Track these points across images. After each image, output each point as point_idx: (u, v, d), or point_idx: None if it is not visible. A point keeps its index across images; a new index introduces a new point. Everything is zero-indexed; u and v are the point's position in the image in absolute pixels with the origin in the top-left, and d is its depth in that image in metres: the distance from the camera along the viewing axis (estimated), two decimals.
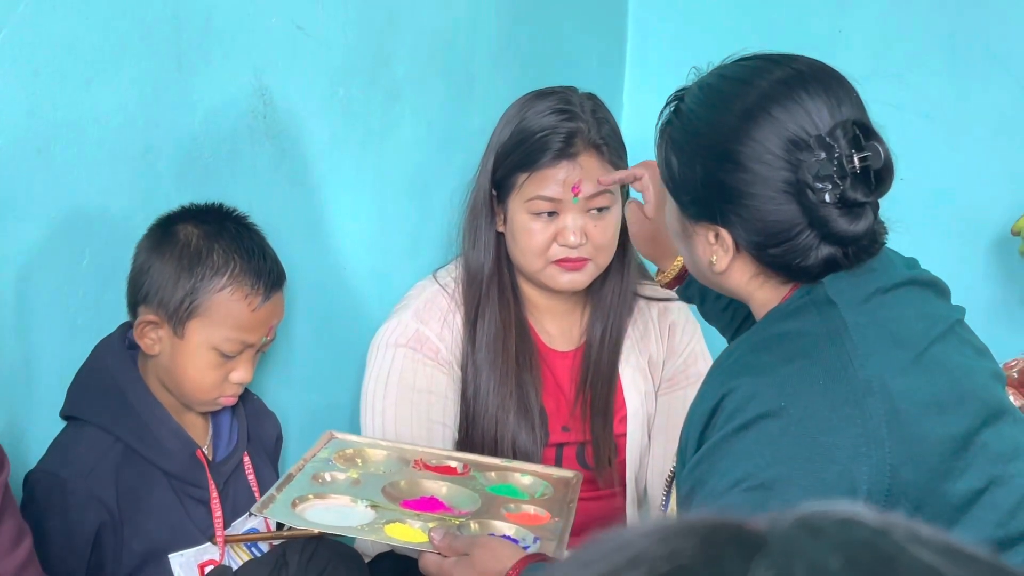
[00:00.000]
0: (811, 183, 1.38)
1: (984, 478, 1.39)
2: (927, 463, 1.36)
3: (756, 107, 1.42)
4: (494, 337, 2.10)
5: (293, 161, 2.13)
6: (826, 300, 1.43)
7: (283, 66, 2.06)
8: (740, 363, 1.45)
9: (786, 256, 1.43)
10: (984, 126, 2.74)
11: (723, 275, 1.50)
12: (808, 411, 1.35)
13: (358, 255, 2.31)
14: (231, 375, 1.79)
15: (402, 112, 2.36)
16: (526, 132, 2.05)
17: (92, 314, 1.79)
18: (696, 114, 1.48)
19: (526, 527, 1.70)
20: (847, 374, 1.37)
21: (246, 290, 1.75)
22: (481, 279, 2.12)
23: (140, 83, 1.81)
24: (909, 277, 1.49)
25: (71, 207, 1.76)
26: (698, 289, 1.85)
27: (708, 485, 1.37)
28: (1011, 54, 2.71)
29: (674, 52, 2.97)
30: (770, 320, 1.47)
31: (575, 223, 2.04)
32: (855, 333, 1.40)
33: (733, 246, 1.46)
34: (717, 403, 1.42)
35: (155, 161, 1.86)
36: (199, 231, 1.76)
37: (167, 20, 1.84)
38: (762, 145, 1.40)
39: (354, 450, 1.87)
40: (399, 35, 2.32)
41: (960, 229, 2.76)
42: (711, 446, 1.40)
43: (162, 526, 1.76)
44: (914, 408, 1.37)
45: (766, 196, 1.41)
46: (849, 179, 1.38)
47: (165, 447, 1.77)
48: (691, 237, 1.51)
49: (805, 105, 1.42)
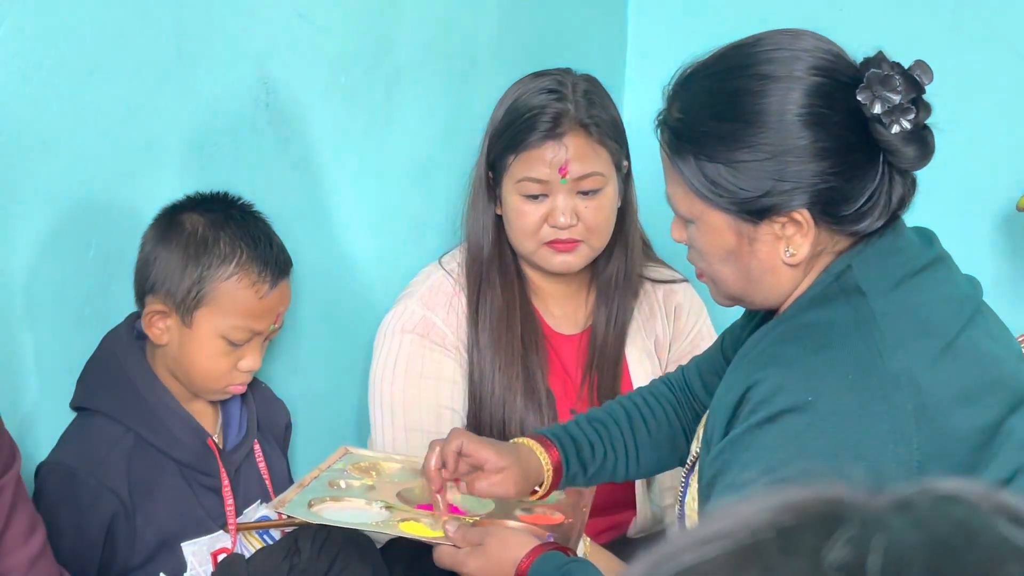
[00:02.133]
0: (880, 119, 1.35)
1: (1011, 467, 1.36)
2: (954, 458, 1.33)
3: (770, 72, 1.39)
4: (498, 319, 2.10)
5: (296, 149, 2.13)
6: (855, 288, 1.39)
7: (285, 54, 2.06)
8: (767, 354, 1.41)
9: (870, 210, 1.39)
10: (987, 102, 2.73)
11: (796, 266, 1.42)
12: (835, 406, 1.32)
13: (363, 241, 2.31)
14: (240, 363, 1.79)
15: (404, 98, 2.36)
16: (515, 113, 2.05)
17: (100, 305, 1.80)
18: (719, 114, 1.42)
19: (540, 526, 1.71)
20: (875, 367, 1.33)
21: (253, 277, 1.76)
22: (482, 261, 2.12)
23: (142, 74, 1.81)
24: (934, 256, 1.45)
25: (76, 199, 1.76)
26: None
27: (729, 475, 1.35)
28: (1013, 29, 2.70)
29: (675, 36, 2.97)
30: (797, 308, 1.42)
31: (565, 204, 2.04)
32: (883, 323, 1.36)
33: (812, 223, 1.39)
34: (743, 394, 1.39)
35: (159, 152, 1.87)
36: (205, 220, 1.76)
37: (168, 10, 1.84)
38: (797, 103, 1.37)
39: (369, 463, 1.87)
40: (400, 21, 2.32)
41: (965, 206, 2.76)
42: (735, 437, 1.37)
43: (174, 515, 1.76)
44: (943, 402, 1.34)
45: (831, 152, 1.37)
46: (914, 104, 1.36)
47: (175, 436, 1.77)
48: (754, 243, 1.42)
49: (810, 48, 1.40)
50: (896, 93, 1.35)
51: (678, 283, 2.25)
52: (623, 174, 2.12)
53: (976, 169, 2.75)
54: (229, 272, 1.74)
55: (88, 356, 1.77)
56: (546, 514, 1.77)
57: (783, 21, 2.97)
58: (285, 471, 1.95)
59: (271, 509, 1.68)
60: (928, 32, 2.78)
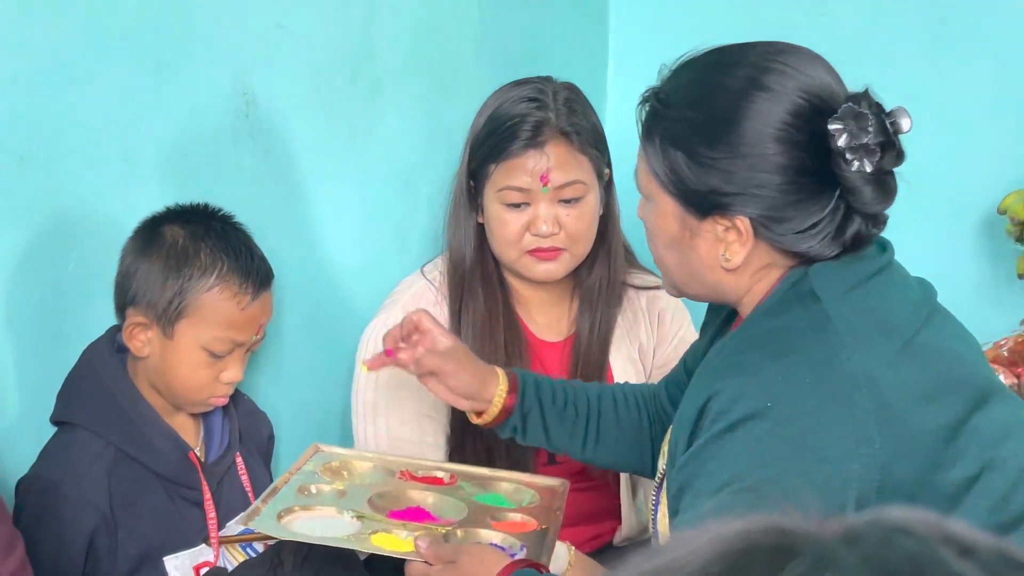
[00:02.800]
0: (843, 153, 1.36)
1: (977, 464, 1.37)
2: (918, 456, 1.33)
3: (761, 79, 1.39)
4: (481, 327, 2.10)
5: (277, 160, 2.12)
6: (810, 294, 1.40)
7: (264, 65, 2.06)
8: (726, 363, 1.42)
9: (811, 236, 1.40)
10: (969, 106, 2.74)
11: (732, 271, 1.45)
12: (795, 411, 1.33)
13: (345, 252, 2.31)
14: (222, 375, 1.78)
15: (385, 107, 2.35)
16: (496, 121, 2.05)
17: (80, 318, 1.79)
18: (694, 103, 1.44)
19: (513, 535, 1.69)
20: (834, 369, 1.34)
21: (234, 289, 1.75)
22: (464, 270, 2.12)
23: (120, 86, 1.81)
24: (887, 261, 1.46)
25: (55, 212, 1.76)
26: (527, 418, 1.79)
27: (696, 487, 1.35)
28: (994, 33, 2.70)
29: (657, 42, 2.96)
30: (756, 318, 1.44)
31: (547, 212, 2.04)
32: (840, 326, 1.37)
33: (752, 234, 1.42)
34: (704, 404, 1.39)
35: (138, 164, 1.86)
36: (185, 231, 1.75)
37: (145, 23, 1.83)
38: (777, 117, 1.38)
39: (340, 462, 1.85)
40: (381, 30, 2.31)
41: (947, 209, 2.76)
42: (699, 448, 1.37)
43: (156, 529, 1.76)
44: (904, 401, 1.34)
45: (790, 170, 1.38)
46: (880, 148, 1.36)
47: (157, 449, 1.77)
48: (695, 237, 1.45)
49: (807, 71, 1.40)
50: (866, 133, 1.36)
51: (661, 289, 2.24)
52: (605, 182, 2.12)
53: (959, 172, 2.75)
54: (210, 284, 1.73)
55: (68, 370, 1.76)
56: (520, 520, 1.76)
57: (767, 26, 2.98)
58: (268, 483, 1.94)
59: (241, 522, 1.65)
60: (910, 36, 2.79)
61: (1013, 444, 1.42)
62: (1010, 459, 1.40)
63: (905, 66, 2.80)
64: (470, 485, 1.85)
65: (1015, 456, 1.41)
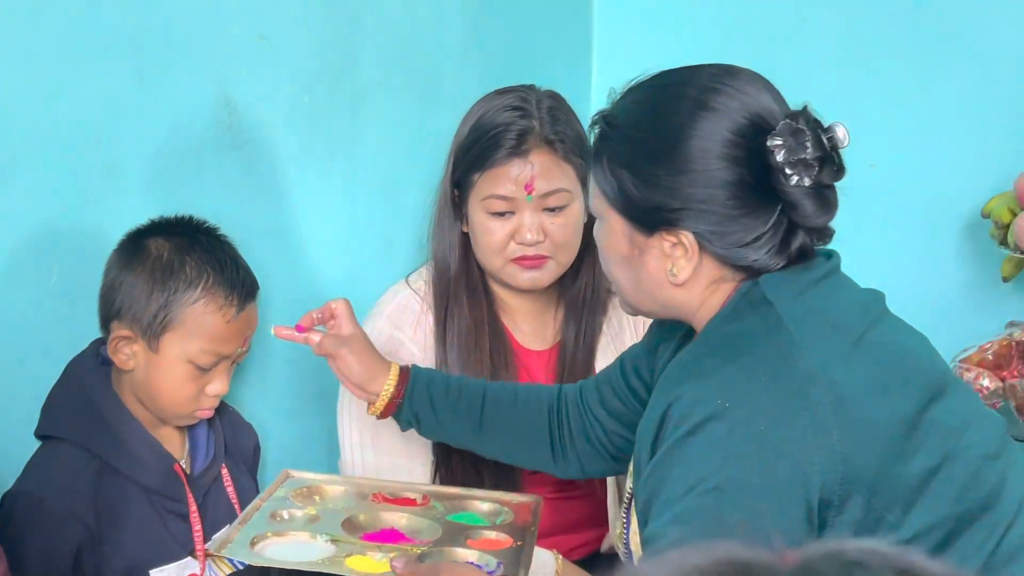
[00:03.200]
0: (783, 168, 1.40)
1: (938, 455, 1.39)
2: (878, 447, 1.36)
3: (705, 99, 1.43)
4: (466, 337, 2.10)
5: (261, 170, 2.12)
6: (762, 299, 1.44)
7: (247, 75, 2.06)
8: (684, 370, 1.45)
9: (754, 248, 1.44)
10: (951, 110, 2.75)
11: (680, 286, 1.49)
12: (753, 409, 1.35)
13: (330, 261, 2.31)
14: (207, 388, 1.78)
15: (369, 116, 2.35)
16: (480, 130, 2.05)
17: (64, 332, 1.78)
18: (639, 123, 1.48)
19: (488, 552, 1.69)
20: (788, 367, 1.37)
21: (220, 301, 1.75)
22: (449, 279, 2.11)
23: (102, 99, 1.80)
24: (834, 266, 1.50)
25: (38, 225, 1.75)
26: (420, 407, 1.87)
27: (663, 494, 1.37)
28: (976, 38, 2.71)
29: (640, 47, 2.97)
30: (712, 326, 1.48)
31: (531, 221, 2.04)
32: (792, 326, 1.40)
33: (697, 248, 1.46)
34: (664, 412, 1.42)
35: (121, 176, 1.86)
36: (170, 244, 1.75)
37: (127, 35, 1.83)
38: (720, 135, 1.42)
39: (311, 487, 1.84)
40: (363, 39, 2.31)
41: (931, 213, 2.77)
42: (662, 455, 1.40)
43: (142, 542, 1.75)
44: (858, 393, 1.37)
45: (732, 186, 1.42)
46: (818, 163, 1.40)
47: (142, 462, 1.76)
48: (644, 254, 1.49)
49: (750, 92, 1.44)
50: (803, 148, 1.40)
51: None
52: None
53: (942, 176, 2.76)
54: (196, 296, 1.73)
55: (52, 383, 1.76)
56: (495, 538, 1.75)
57: (749, 34, 3.00)
58: (255, 495, 1.92)
59: (213, 550, 1.61)
60: (892, 43, 2.79)
61: (972, 434, 1.44)
62: (970, 448, 1.43)
63: (887, 72, 2.81)
64: (443, 505, 1.84)
65: (974, 445, 1.43)
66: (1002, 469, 1.45)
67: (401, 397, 1.85)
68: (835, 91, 2.80)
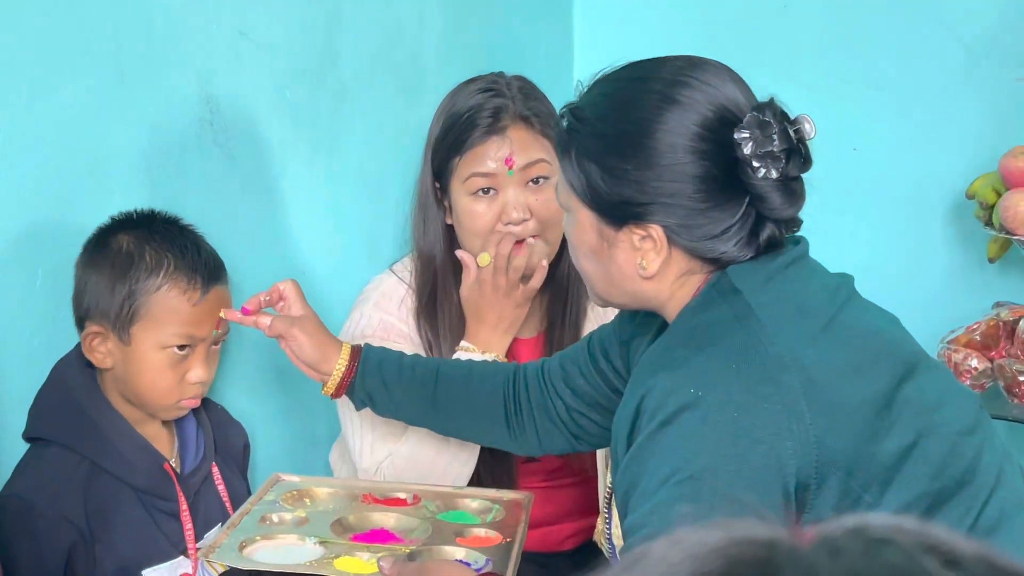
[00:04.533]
0: (750, 161, 1.40)
1: (912, 433, 1.39)
2: (851, 428, 1.36)
3: (671, 93, 1.43)
4: (456, 326, 2.09)
5: (244, 168, 2.11)
6: (731, 289, 1.44)
7: (228, 73, 2.05)
8: (656, 362, 1.46)
9: (723, 241, 1.44)
10: (935, 93, 2.75)
11: (650, 279, 1.49)
12: (725, 396, 1.36)
13: (316, 257, 2.30)
14: (188, 375, 1.77)
15: (351, 111, 2.35)
16: (454, 116, 2.05)
17: (49, 334, 1.78)
18: (606, 117, 1.48)
19: (477, 549, 1.69)
20: (758, 353, 1.38)
21: (183, 286, 1.74)
22: (434, 270, 2.10)
23: (83, 99, 1.79)
24: (802, 252, 1.50)
25: (21, 227, 1.75)
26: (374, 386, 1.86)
27: (640, 486, 1.37)
28: (958, 19, 2.71)
29: (622, 39, 2.97)
30: (683, 317, 1.48)
31: (516, 198, 2.03)
32: (761, 313, 1.41)
33: (666, 242, 1.46)
34: (638, 404, 1.42)
35: (104, 176, 1.85)
36: (130, 236, 1.75)
37: (107, 34, 1.82)
38: (687, 129, 1.42)
39: (301, 490, 1.83)
40: (344, 34, 2.31)
41: (916, 196, 2.77)
42: (637, 447, 1.40)
43: (134, 542, 1.74)
44: (830, 375, 1.38)
45: (699, 180, 1.42)
46: (785, 155, 1.41)
47: (131, 462, 1.75)
48: (613, 247, 1.49)
49: (716, 84, 1.44)
50: (770, 141, 1.40)
51: None
52: None
53: (926, 158, 2.76)
54: (158, 283, 1.73)
55: (39, 386, 1.75)
56: (484, 535, 1.75)
57: (731, 21, 3.00)
58: (245, 493, 1.93)
59: (202, 555, 1.63)
60: (874, 25, 2.80)
61: (946, 411, 1.45)
62: (944, 425, 1.43)
63: (870, 55, 2.81)
64: (433, 504, 1.84)
65: (949, 422, 1.44)
66: (978, 444, 1.45)
67: (353, 375, 1.84)
68: (818, 75, 2.80)
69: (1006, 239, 2.52)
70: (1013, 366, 2.36)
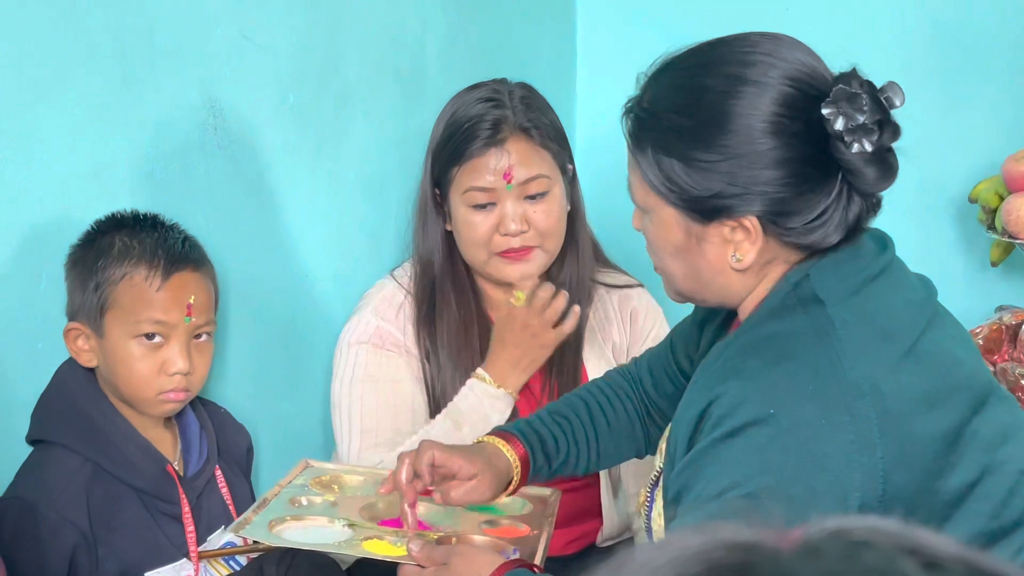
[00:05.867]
0: (842, 136, 1.33)
1: (977, 469, 1.35)
2: (920, 464, 1.32)
3: (745, 73, 1.37)
4: (455, 334, 2.09)
5: (247, 171, 2.12)
6: (813, 297, 1.37)
7: (231, 77, 2.05)
8: (728, 367, 1.39)
9: (820, 224, 1.37)
10: (936, 94, 2.75)
11: (743, 271, 1.42)
12: (797, 418, 1.30)
13: (319, 261, 2.30)
14: (166, 365, 1.75)
15: (354, 115, 2.35)
16: (455, 125, 2.05)
17: (52, 337, 1.78)
18: (681, 108, 1.40)
19: (505, 539, 1.70)
20: (836, 376, 1.32)
21: (144, 272, 1.73)
22: (433, 277, 2.11)
23: (86, 103, 1.80)
24: (888, 260, 1.43)
25: (25, 231, 1.75)
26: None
27: (695, 491, 1.33)
28: (959, 21, 2.71)
29: (624, 42, 2.97)
30: (757, 320, 1.41)
31: (514, 211, 2.03)
32: (842, 331, 1.35)
33: (761, 232, 1.38)
34: (705, 408, 1.37)
35: (108, 180, 1.85)
36: (106, 234, 1.76)
37: (110, 38, 1.82)
38: (768, 109, 1.35)
39: (330, 476, 1.85)
40: (347, 38, 2.31)
41: (919, 199, 2.77)
42: (699, 451, 1.35)
43: (136, 545, 1.74)
44: (906, 407, 1.32)
45: (789, 162, 1.35)
46: (878, 127, 1.34)
47: (134, 464, 1.75)
48: (702, 243, 1.42)
49: (789, 58, 1.37)
50: (861, 112, 1.33)
51: (633, 288, 2.25)
52: (569, 177, 2.12)
53: (929, 161, 2.76)
54: (122, 272, 1.73)
55: (42, 389, 1.76)
56: (511, 526, 1.76)
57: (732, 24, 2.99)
58: (248, 496, 1.93)
59: (232, 531, 1.66)
60: (876, 28, 2.80)
61: (1011, 447, 1.40)
62: (1008, 462, 1.38)
63: (871, 58, 2.79)
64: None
65: (1013, 459, 1.39)
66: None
67: (526, 454, 1.71)
68: None
69: (1009, 243, 2.52)
70: (1016, 370, 2.36)
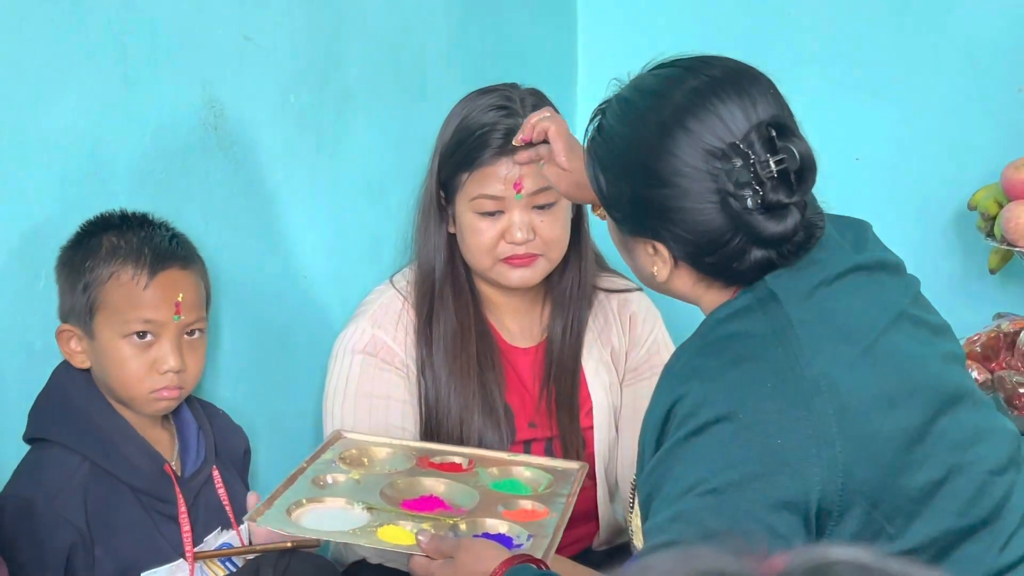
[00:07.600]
0: (732, 191, 1.38)
1: (943, 468, 1.39)
2: (881, 460, 1.36)
3: (671, 121, 1.41)
4: (452, 338, 2.10)
5: (247, 172, 2.12)
6: (770, 296, 1.43)
7: (232, 77, 2.05)
8: (689, 368, 1.45)
9: (722, 263, 1.44)
10: (936, 102, 2.75)
11: (666, 284, 1.51)
12: (758, 415, 1.35)
13: (318, 262, 2.30)
14: (157, 363, 1.75)
15: (355, 115, 2.35)
16: (466, 131, 2.05)
17: (51, 336, 1.78)
18: (616, 131, 1.48)
19: (520, 524, 1.72)
20: (794, 374, 1.37)
21: (130, 271, 1.73)
22: (433, 281, 2.11)
23: (87, 103, 1.80)
24: (855, 264, 1.48)
25: (24, 231, 1.75)
26: None
27: (664, 491, 1.38)
28: (961, 28, 2.72)
29: (626, 44, 2.97)
30: (716, 321, 1.47)
31: (521, 220, 2.04)
32: (800, 330, 1.40)
33: (671, 258, 1.47)
34: (669, 409, 1.42)
35: (107, 180, 1.85)
36: (94, 236, 1.76)
37: (111, 38, 1.82)
38: (681, 159, 1.40)
39: (359, 449, 1.91)
40: (348, 38, 2.31)
41: (918, 205, 2.78)
42: (665, 452, 1.40)
43: (133, 544, 1.74)
44: (864, 404, 1.37)
45: (693, 209, 1.41)
46: (768, 183, 1.38)
47: (132, 463, 1.76)
48: (631, 250, 1.53)
49: (719, 112, 1.41)
50: (748, 171, 1.38)
51: (632, 292, 2.26)
52: None
53: (929, 168, 2.76)
54: (109, 271, 1.73)
55: (40, 388, 1.76)
56: (531, 508, 1.78)
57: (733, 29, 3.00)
58: (245, 499, 1.93)
59: (251, 518, 1.70)
60: (875, 34, 2.80)
61: (981, 448, 1.44)
62: (977, 463, 1.43)
63: (871, 64, 2.81)
64: (486, 471, 1.88)
65: (982, 460, 1.43)
66: (1008, 484, 1.45)
67: None
68: (820, 83, 2.80)
69: (1007, 251, 2.53)
70: (1013, 378, 2.36)
